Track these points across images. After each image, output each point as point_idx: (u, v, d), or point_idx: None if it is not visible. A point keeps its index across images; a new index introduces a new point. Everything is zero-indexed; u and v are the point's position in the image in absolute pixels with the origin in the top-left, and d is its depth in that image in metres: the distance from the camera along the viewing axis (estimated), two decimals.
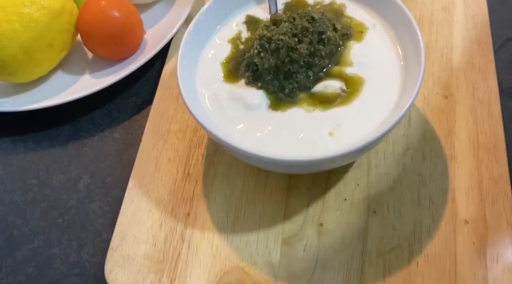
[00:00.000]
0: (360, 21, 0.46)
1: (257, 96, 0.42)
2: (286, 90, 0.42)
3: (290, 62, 0.42)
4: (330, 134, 0.40)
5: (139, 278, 0.42)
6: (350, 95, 0.42)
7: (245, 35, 0.47)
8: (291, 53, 0.42)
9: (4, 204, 0.50)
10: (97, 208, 0.48)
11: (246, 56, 0.45)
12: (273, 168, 0.43)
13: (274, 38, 0.42)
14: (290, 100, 0.42)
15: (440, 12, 0.55)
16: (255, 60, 0.43)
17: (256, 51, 0.43)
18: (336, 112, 0.41)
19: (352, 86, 0.42)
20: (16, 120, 0.55)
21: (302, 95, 0.42)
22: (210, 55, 0.46)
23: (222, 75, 0.45)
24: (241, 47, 0.46)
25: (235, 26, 0.48)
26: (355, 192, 0.44)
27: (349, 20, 0.46)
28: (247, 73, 0.44)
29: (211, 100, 0.43)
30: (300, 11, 0.45)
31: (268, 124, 0.41)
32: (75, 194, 0.49)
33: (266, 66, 0.42)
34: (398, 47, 0.44)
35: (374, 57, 0.43)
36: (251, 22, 0.48)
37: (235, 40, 0.47)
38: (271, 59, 0.42)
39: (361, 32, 0.45)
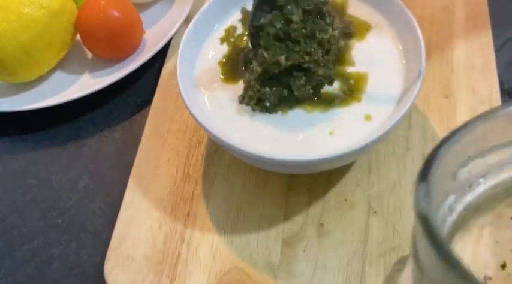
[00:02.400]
0: (361, 20, 0.46)
1: None
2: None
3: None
4: (331, 133, 0.40)
5: (139, 278, 0.42)
6: (351, 95, 0.42)
7: (240, 31, 0.47)
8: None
9: (4, 204, 0.50)
10: (97, 208, 0.48)
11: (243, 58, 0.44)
12: (273, 168, 0.43)
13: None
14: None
15: (440, 12, 0.55)
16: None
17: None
18: (336, 112, 0.41)
19: (354, 86, 0.42)
20: (16, 120, 0.55)
21: None
22: (209, 55, 0.46)
23: (221, 75, 0.45)
24: (238, 44, 0.46)
25: (230, 23, 0.48)
26: (355, 192, 0.44)
27: (350, 19, 0.46)
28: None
29: (211, 100, 0.43)
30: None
31: (268, 124, 0.41)
32: (75, 194, 0.49)
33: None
34: (399, 46, 0.44)
35: (376, 57, 0.43)
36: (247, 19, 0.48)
37: (229, 38, 0.47)
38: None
39: (363, 30, 0.45)
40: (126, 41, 0.55)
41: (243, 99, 0.42)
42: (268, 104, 0.41)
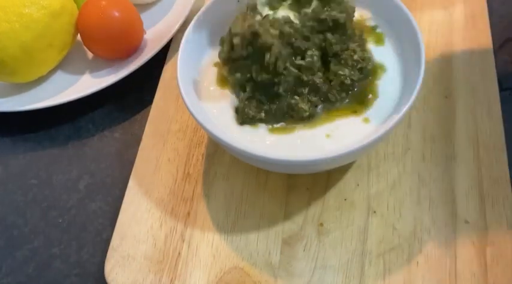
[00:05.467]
0: (360, 21, 0.46)
1: None
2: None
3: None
4: (331, 132, 0.40)
5: (139, 278, 0.42)
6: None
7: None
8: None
9: (4, 204, 0.50)
10: (97, 208, 0.48)
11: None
12: (273, 168, 0.43)
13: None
14: None
15: (440, 12, 0.55)
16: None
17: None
18: (336, 112, 0.41)
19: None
20: (16, 120, 0.55)
21: None
22: (210, 55, 0.46)
23: (217, 77, 0.44)
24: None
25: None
26: (355, 192, 0.44)
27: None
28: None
29: (211, 100, 0.43)
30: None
31: (268, 125, 0.41)
32: (75, 194, 0.49)
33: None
34: (398, 47, 0.44)
35: (375, 57, 0.43)
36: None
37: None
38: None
39: (361, 32, 0.45)
40: (127, 41, 0.55)
41: (240, 117, 0.41)
42: (268, 125, 0.41)
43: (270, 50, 0.39)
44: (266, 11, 0.41)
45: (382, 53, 0.44)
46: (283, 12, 0.41)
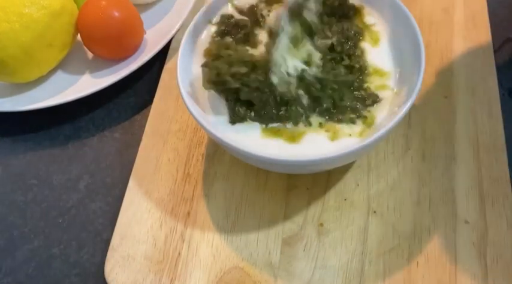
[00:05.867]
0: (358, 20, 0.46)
1: None
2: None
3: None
4: (329, 131, 0.40)
5: (139, 278, 0.42)
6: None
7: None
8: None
9: (4, 204, 0.50)
10: (97, 208, 0.48)
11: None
12: (273, 168, 0.43)
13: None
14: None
15: (440, 13, 0.55)
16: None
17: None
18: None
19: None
20: (16, 120, 0.55)
21: None
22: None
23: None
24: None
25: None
26: (355, 192, 0.44)
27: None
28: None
29: (211, 100, 0.43)
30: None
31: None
32: (75, 194, 0.49)
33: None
34: (399, 46, 0.44)
35: (376, 57, 0.43)
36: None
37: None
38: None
39: (360, 31, 0.45)
40: (127, 41, 0.55)
41: (231, 116, 0.41)
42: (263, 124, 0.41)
43: (239, 90, 0.40)
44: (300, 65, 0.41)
45: (382, 53, 0.44)
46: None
